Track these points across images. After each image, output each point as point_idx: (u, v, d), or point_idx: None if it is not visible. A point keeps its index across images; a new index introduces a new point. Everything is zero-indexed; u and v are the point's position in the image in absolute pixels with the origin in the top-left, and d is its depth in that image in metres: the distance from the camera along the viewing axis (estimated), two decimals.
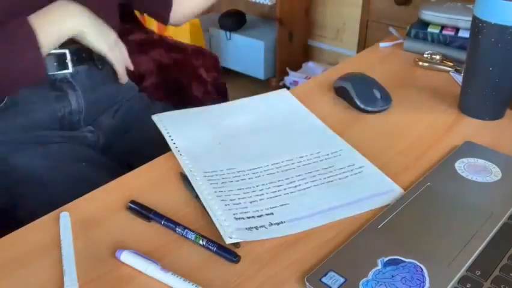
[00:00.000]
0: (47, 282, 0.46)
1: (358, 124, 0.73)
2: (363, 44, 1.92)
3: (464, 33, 0.92)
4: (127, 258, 0.48)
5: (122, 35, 0.85)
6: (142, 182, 0.61)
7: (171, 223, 0.52)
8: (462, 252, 0.48)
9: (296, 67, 2.48)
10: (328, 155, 0.65)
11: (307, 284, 0.45)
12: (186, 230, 0.51)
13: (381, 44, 1.02)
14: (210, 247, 0.49)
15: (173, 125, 0.70)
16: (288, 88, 1.49)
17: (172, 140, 0.66)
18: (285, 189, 0.58)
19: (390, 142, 0.68)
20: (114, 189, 0.59)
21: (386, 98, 0.76)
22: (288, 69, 2.45)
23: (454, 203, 0.56)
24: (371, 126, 0.72)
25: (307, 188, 0.58)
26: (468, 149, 0.66)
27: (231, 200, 0.56)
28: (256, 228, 0.52)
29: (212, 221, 0.52)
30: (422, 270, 0.46)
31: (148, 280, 0.47)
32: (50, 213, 0.55)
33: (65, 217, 0.53)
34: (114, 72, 0.85)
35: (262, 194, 0.57)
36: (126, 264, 0.48)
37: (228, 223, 0.52)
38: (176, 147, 0.65)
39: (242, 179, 0.60)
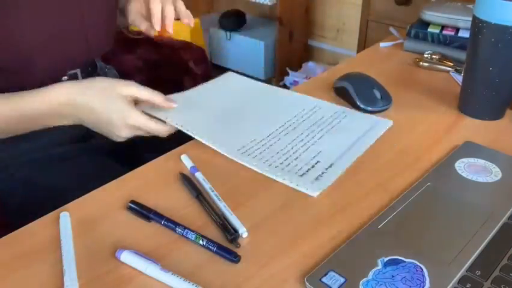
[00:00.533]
0: (47, 282, 0.46)
1: None
2: (363, 44, 1.92)
3: (464, 33, 0.92)
4: (127, 258, 0.48)
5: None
6: (142, 182, 0.61)
7: (171, 223, 0.52)
8: (462, 252, 0.48)
9: (296, 67, 2.48)
10: (312, 109, 0.75)
11: (307, 284, 0.45)
12: (186, 230, 0.51)
13: (381, 44, 1.02)
14: (210, 247, 0.49)
15: (168, 113, 0.70)
16: (288, 88, 1.49)
17: (187, 130, 0.67)
18: (308, 141, 0.68)
19: (389, 141, 0.68)
20: (114, 189, 0.59)
21: (387, 98, 0.76)
22: (288, 69, 2.45)
23: (454, 203, 0.56)
24: None
25: (322, 136, 0.69)
26: (468, 149, 0.66)
27: (280, 163, 0.63)
28: (321, 176, 0.60)
29: (215, 221, 0.53)
30: (422, 270, 0.46)
31: (148, 280, 0.47)
32: (50, 213, 0.55)
33: (65, 217, 0.53)
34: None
35: (297, 151, 0.65)
36: (126, 264, 0.48)
37: (300, 182, 0.59)
38: (195, 133, 0.67)
39: (270, 145, 0.67)
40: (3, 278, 0.47)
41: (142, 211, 0.54)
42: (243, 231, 0.52)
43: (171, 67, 0.96)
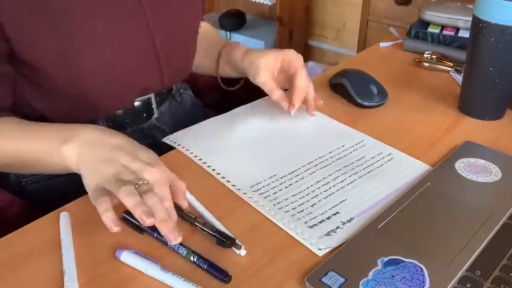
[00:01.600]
0: (47, 282, 0.46)
1: (359, 124, 0.73)
2: (363, 44, 1.92)
3: (464, 33, 0.92)
4: (127, 258, 0.48)
5: None
6: None
7: (163, 237, 0.49)
8: (462, 252, 0.48)
9: None
10: (353, 146, 0.67)
11: (308, 284, 0.45)
12: (178, 245, 0.49)
13: (381, 44, 1.02)
14: (201, 265, 0.47)
15: (190, 143, 0.68)
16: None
17: (200, 159, 0.64)
18: (334, 185, 0.59)
19: (390, 142, 0.68)
20: None
21: (383, 93, 0.77)
22: None
23: (454, 203, 0.56)
24: (371, 126, 0.72)
25: (354, 180, 0.60)
26: (468, 149, 0.65)
27: (293, 209, 0.55)
28: (334, 231, 0.52)
29: (206, 235, 0.51)
30: (422, 270, 0.46)
31: (148, 280, 0.46)
32: (50, 213, 0.55)
33: (64, 217, 0.53)
34: (192, 101, 0.84)
35: (317, 195, 0.58)
36: (126, 264, 0.48)
37: (307, 235, 0.52)
38: (209, 166, 0.63)
39: (289, 184, 0.59)
40: (3, 278, 0.47)
41: (135, 223, 0.52)
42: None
43: (246, 86, 0.88)
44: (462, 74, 0.77)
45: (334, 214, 0.55)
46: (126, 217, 0.53)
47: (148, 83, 0.73)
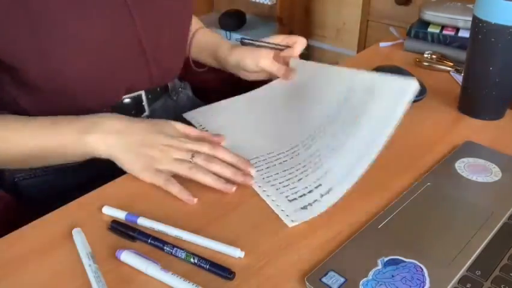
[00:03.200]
0: (48, 282, 0.46)
1: None
2: (363, 44, 1.92)
3: (464, 33, 0.92)
4: (127, 258, 0.48)
5: None
6: (142, 181, 0.60)
7: (158, 242, 0.50)
8: (462, 252, 0.48)
9: None
10: (349, 90, 0.64)
11: (308, 283, 0.45)
12: (175, 249, 0.49)
13: (381, 44, 1.02)
14: (202, 265, 0.47)
15: (206, 120, 0.71)
16: None
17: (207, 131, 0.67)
18: (325, 155, 0.60)
19: (390, 142, 0.68)
20: (114, 189, 0.59)
21: (422, 89, 0.77)
22: None
23: (454, 203, 0.56)
24: None
25: (343, 144, 0.59)
26: (468, 148, 0.65)
27: (279, 183, 0.58)
28: (310, 204, 0.54)
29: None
30: (422, 270, 0.46)
31: (148, 280, 0.46)
32: (49, 213, 0.55)
33: (79, 234, 0.51)
34: (187, 99, 0.85)
35: (306, 170, 0.59)
36: (126, 264, 0.48)
37: (283, 207, 0.54)
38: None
39: (284, 161, 0.62)
40: (3, 278, 0.47)
41: (125, 232, 0.51)
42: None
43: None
44: (462, 74, 0.77)
45: (316, 187, 0.56)
46: (115, 226, 0.52)
47: (135, 82, 0.73)
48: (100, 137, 0.60)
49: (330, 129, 0.63)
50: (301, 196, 0.55)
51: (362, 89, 0.62)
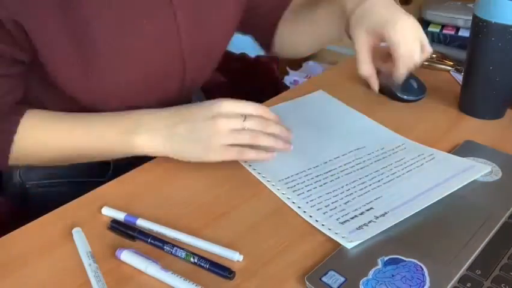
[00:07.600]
0: (47, 282, 0.46)
1: None
2: None
3: (464, 33, 0.92)
4: (127, 257, 0.48)
5: None
6: (142, 181, 0.60)
7: (158, 241, 0.50)
8: (462, 251, 0.48)
9: (296, 66, 2.47)
10: (393, 149, 0.65)
11: (308, 283, 0.45)
12: (175, 248, 0.49)
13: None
14: (202, 264, 0.47)
15: None
16: (288, 87, 1.48)
17: None
18: (370, 185, 0.58)
19: None
20: (114, 188, 0.59)
21: (422, 88, 0.78)
22: (288, 68, 2.44)
23: (454, 202, 0.56)
24: None
25: (390, 180, 0.59)
26: (468, 148, 0.65)
27: (325, 206, 0.55)
28: (366, 225, 0.52)
29: None
30: (422, 269, 0.46)
31: (148, 279, 0.46)
32: (49, 213, 0.55)
33: (78, 233, 0.51)
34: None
35: (351, 194, 0.57)
36: (126, 264, 0.48)
37: (337, 230, 0.51)
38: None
39: (324, 183, 0.59)
40: (3, 278, 0.47)
41: (125, 231, 0.51)
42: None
43: (256, 80, 0.87)
44: (462, 74, 0.77)
45: (368, 210, 0.54)
46: (115, 226, 0.52)
47: (167, 91, 0.69)
48: (147, 138, 0.58)
49: (375, 165, 0.62)
50: (352, 218, 0.53)
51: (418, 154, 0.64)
